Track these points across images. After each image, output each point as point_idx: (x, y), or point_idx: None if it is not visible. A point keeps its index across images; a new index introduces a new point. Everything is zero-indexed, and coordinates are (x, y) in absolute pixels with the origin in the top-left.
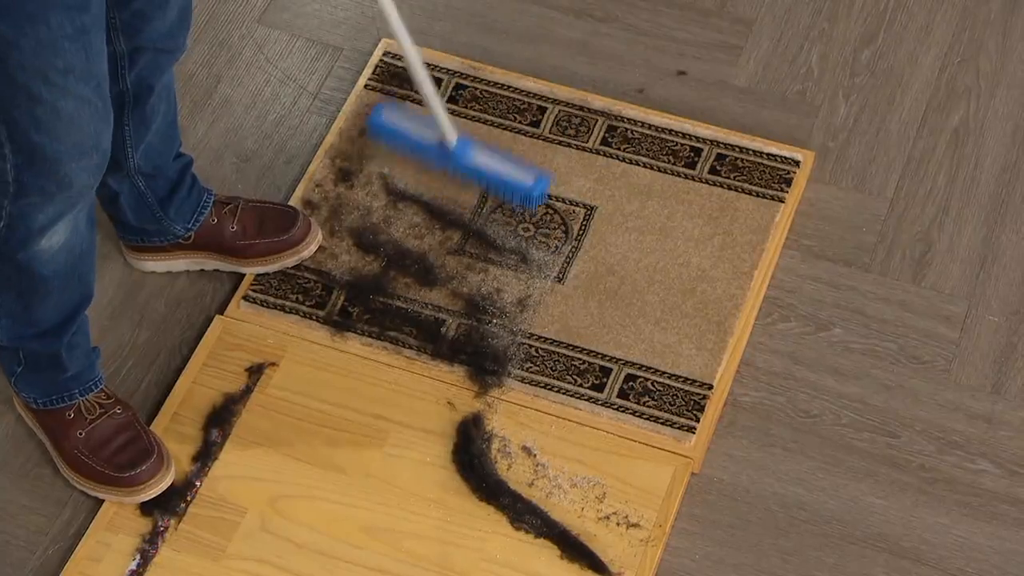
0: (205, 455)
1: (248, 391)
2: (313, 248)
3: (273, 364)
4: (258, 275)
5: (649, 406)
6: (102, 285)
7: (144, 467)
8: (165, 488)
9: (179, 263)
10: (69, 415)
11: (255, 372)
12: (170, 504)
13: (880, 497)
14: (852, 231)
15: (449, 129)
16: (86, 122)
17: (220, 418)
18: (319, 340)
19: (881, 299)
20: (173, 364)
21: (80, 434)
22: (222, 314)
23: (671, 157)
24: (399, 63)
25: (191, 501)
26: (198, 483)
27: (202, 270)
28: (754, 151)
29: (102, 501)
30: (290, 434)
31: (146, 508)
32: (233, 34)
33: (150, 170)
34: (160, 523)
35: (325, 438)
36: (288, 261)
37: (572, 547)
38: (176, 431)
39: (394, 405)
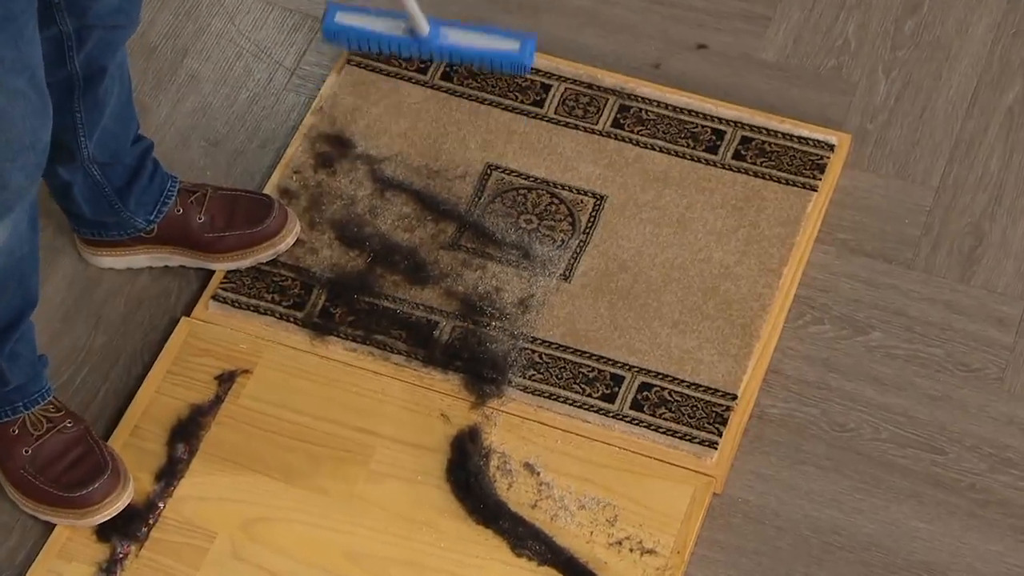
0: (169, 473)
1: (218, 401)
2: (290, 241)
3: (246, 371)
4: (229, 272)
5: (666, 419)
6: (53, 283)
7: (97, 485)
8: (122, 508)
9: (140, 258)
10: (13, 431)
11: (225, 380)
12: (130, 528)
13: (925, 521)
14: (893, 223)
15: (422, 21)
16: (19, 118)
17: (186, 432)
18: (297, 344)
19: (926, 299)
20: (134, 371)
21: (26, 452)
22: (188, 315)
23: (690, 140)
24: None
25: (153, 525)
26: (161, 505)
27: (166, 266)
28: (783, 134)
29: (53, 525)
30: (265, 449)
31: (103, 533)
32: (201, 2)
33: (106, 158)
34: (119, 549)
35: (304, 454)
36: (262, 256)
37: None
38: (137, 446)
39: (381, 417)
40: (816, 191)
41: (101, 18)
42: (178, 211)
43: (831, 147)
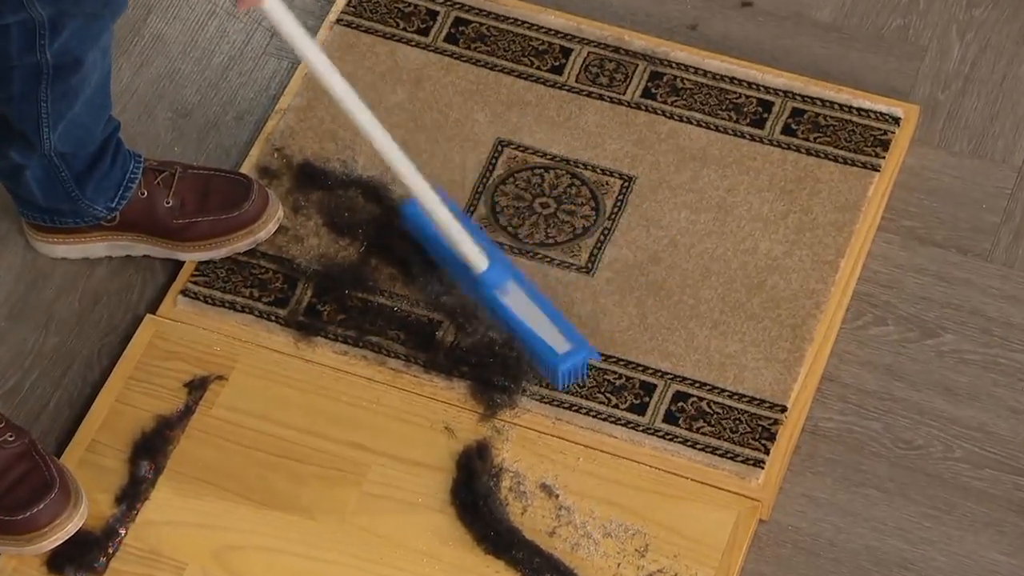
0: (132, 495)
1: (187, 412)
2: (271, 228)
3: (220, 378)
4: (200, 263)
5: (704, 433)
6: None
7: (42, 505)
8: (73, 532)
9: (98, 247)
10: None
11: (197, 388)
12: (86, 558)
13: (1005, 553)
14: (968, 208)
15: (476, 260)
16: None
17: (151, 447)
18: (279, 347)
19: (1006, 297)
20: (90, 377)
21: None
22: (154, 313)
23: (732, 113)
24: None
25: (113, 554)
26: (123, 531)
27: (128, 256)
28: (841, 105)
29: None
30: (241, 467)
31: (55, 563)
32: None
33: (70, 148)
34: None
35: (287, 473)
36: (239, 245)
37: None
38: (94, 464)
39: (376, 430)
40: (879, 171)
41: (79, 4)
42: (143, 194)
43: (896, 120)
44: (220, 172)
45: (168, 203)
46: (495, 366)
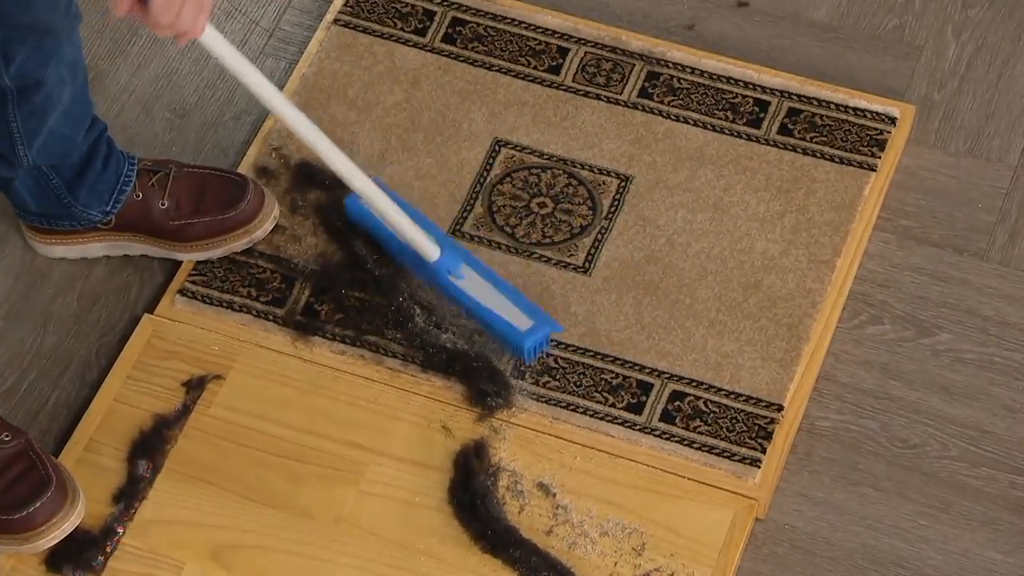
0: (130, 494)
1: (185, 412)
2: (268, 227)
3: (218, 377)
4: (198, 263)
5: (701, 432)
6: None
7: (39, 504)
8: (71, 530)
9: (96, 247)
10: None
11: (194, 387)
12: (84, 556)
13: (1002, 552)
14: (964, 208)
15: (427, 249)
16: None
17: (149, 446)
18: (277, 346)
19: (1002, 296)
20: (88, 377)
21: None
22: (152, 313)
23: (729, 113)
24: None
25: (111, 553)
26: (121, 530)
27: (126, 255)
28: (837, 105)
29: None
30: (239, 467)
31: (53, 562)
32: None
33: (53, 160)
34: None
35: (284, 472)
36: (236, 244)
37: None
38: (92, 463)
39: (373, 430)
40: (875, 171)
41: (23, 30)
42: (138, 196)
43: (892, 120)
44: (216, 171)
45: (163, 204)
46: (493, 367)
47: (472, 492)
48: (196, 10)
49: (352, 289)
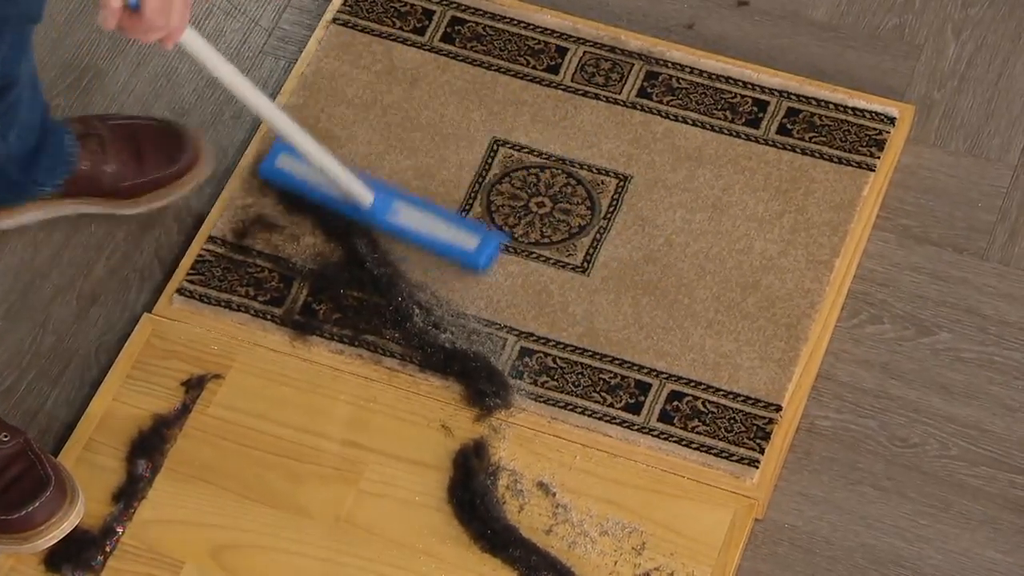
0: (129, 493)
1: (185, 411)
2: (211, 166)
3: (217, 376)
4: (196, 262)
5: (699, 432)
6: None
7: (38, 503)
8: (70, 530)
9: (33, 215)
10: None
11: (194, 387)
12: (84, 556)
13: (1001, 551)
14: (964, 207)
15: (361, 194)
16: None
17: (148, 446)
18: (276, 346)
19: (1002, 295)
20: (88, 377)
21: None
22: (151, 312)
23: (728, 112)
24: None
25: (111, 552)
26: (120, 529)
27: (63, 216)
28: (836, 105)
29: None
30: (238, 466)
31: (52, 562)
32: None
33: (23, 151)
34: None
35: (283, 471)
36: (182, 191)
37: None
38: (91, 462)
39: (372, 429)
40: (874, 171)
41: (19, 11)
42: (85, 166)
43: (892, 120)
44: (141, 120)
45: (109, 168)
46: (492, 366)
47: (472, 491)
48: (183, 8)
49: (350, 288)
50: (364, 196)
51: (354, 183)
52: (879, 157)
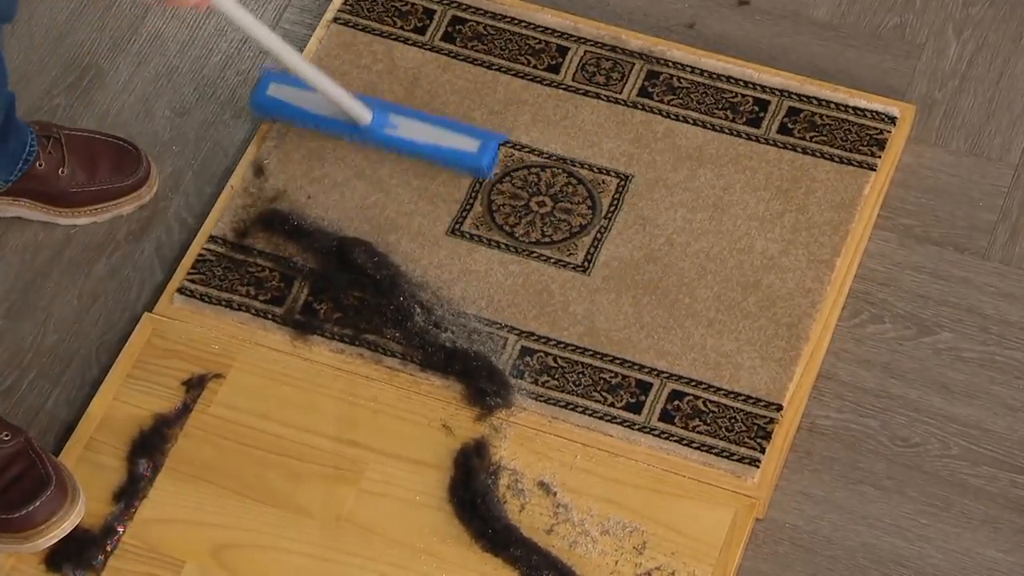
0: (130, 492)
1: (185, 410)
2: (154, 190)
3: (218, 376)
4: (196, 261)
5: (700, 432)
6: None
7: (39, 503)
8: (70, 529)
9: None
10: None
11: (194, 386)
12: (85, 555)
13: (1002, 550)
14: (965, 206)
15: (360, 113)
16: None
17: (149, 445)
18: (276, 345)
19: (1003, 295)
20: (89, 375)
21: None
22: (151, 311)
23: (729, 112)
24: None
25: (112, 552)
26: (121, 528)
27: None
28: (837, 104)
29: None
30: (239, 465)
31: (53, 561)
32: None
33: None
34: None
35: (284, 471)
36: (125, 209)
37: None
38: (92, 462)
39: (373, 429)
40: (875, 170)
41: None
42: (40, 165)
43: (892, 120)
44: (98, 135)
45: (63, 172)
46: (493, 365)
47: (472, 491)
48: None
49: (351, 288)
50: (363, 114)
51: (353, 102)
52: (880, 156)
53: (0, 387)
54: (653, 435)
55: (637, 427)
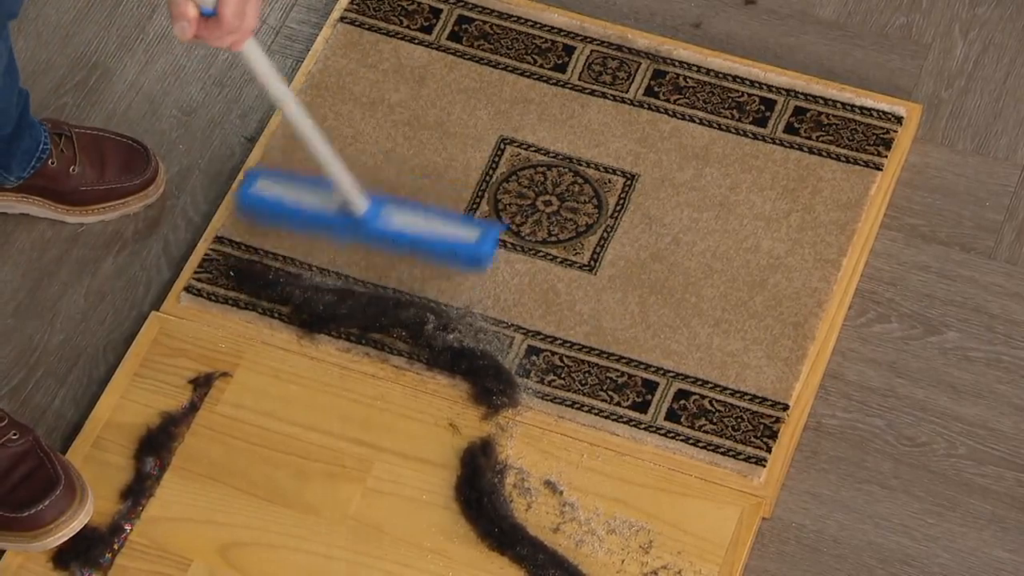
0: (137, 491)
1: (193, 409)
2: (161, 190)
3: (225, 375)
4: (204, 259)
5: (706, 431)
6: (3, 273)
7: (48, 502)
8: (79, 528)
9: None
10: None
11: (202, 385)
12: (92, 554)
13: (1008, 550)
14: (971, 206)
15: (356, 197)
16: None
17: (157, 444)
18: (284, 344)
19: (1009, 294)
20: (96, 374)
21: None
22: (158, 310)
23: (735, 111)
24: None
25: (119, 550)
26: (128, 527)
27: (3, 213)
28: (843, 104)
29: (2, 552)
30: (246, 464)
31: (61, 559)
32: None
33: None
34: None
35: (291, 469)
36: (131, 208)
37: None
38: (100, 460)
39: (380, 427)
40: (881, 170)
41: None
42: (52, 163)
43: (899, 119)
44: (109, 134)
45: (74, 170)
46: (487, 371)
47: (479, 490)
48: (256, 6)
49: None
50: (359, 202)
51: (352, 187)
52: (886, 156)
53: (7, 386)
54: (659, 434)
55: (643, 426)
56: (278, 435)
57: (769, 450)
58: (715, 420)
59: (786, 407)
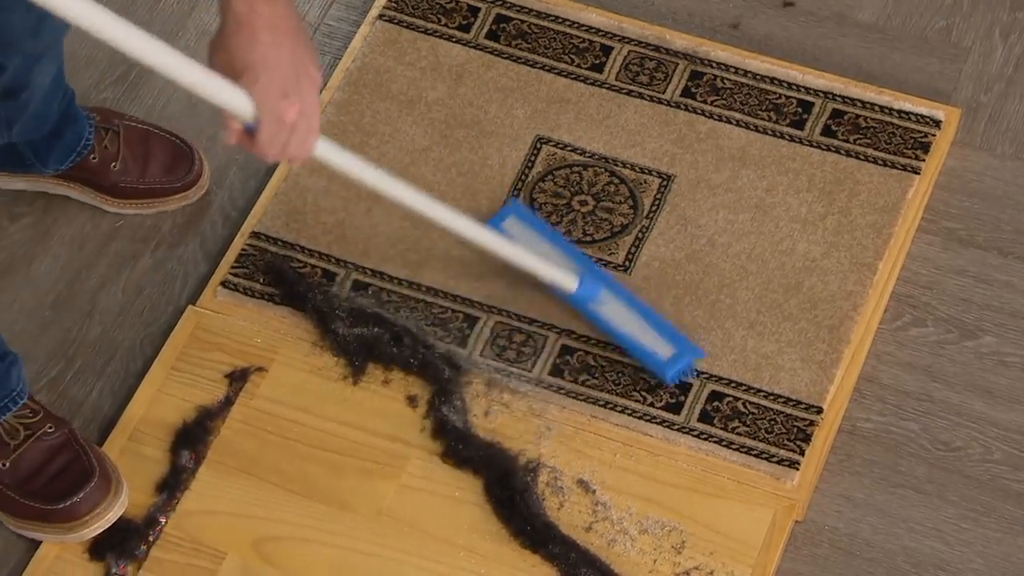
0: (173, 484)
1: (228, 403)
2: (203, 190)
3: (260, 369)
4: (240, 255)
5: (740, 433)
6: (43, 266)
7: (83, 494)
8: (114, 520)
9: (19, 183)
10: None
11: (237, 379)
12: (127, 545)
13: None
14: (1010, 210)
15: (567, 282)
16: None
17: (192, 437)
18: (318, 340)
19: None
20: (132, 368)
21: (4, 465)
22: (195, 304)
23: (772, 113)
24: None
25: (154, 542)
26: (163, 519)
27: (44, 192)
28: (882, 107)
29: (39, 543)
30: (281, 458)
31: (96, 550)
32: None
33: (29, 136)
34: (114, 569)
35: (326, 465)
36: (170, 206)
37: None
38: (136, 453)
39: (414, 424)
40: (919, 173)
41: (16, 46)
42: (94, 159)
43: (937, 123)
44: (158, 130)
45: (115, 166)
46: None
47: (512, 488)
48: (304, 137)
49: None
50: (568, 284)
51: (557, 274)
52: (924, 160)
53: (45, 378)
54: (692, 436)
55: (677, 427)
56: (313, 430)
57: (802, 453)
58: (748, 422)
59: (820, 410)
